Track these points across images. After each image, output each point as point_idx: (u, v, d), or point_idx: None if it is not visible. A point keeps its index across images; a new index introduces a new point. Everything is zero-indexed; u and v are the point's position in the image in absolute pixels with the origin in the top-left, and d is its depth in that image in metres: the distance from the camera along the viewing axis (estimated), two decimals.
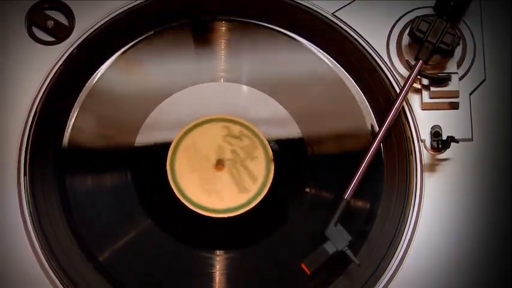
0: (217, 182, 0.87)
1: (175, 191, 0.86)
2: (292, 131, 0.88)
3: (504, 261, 0.84)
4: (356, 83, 0.90)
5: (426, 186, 0.86)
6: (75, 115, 0.89)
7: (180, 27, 0.91)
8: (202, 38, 0.92)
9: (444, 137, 0.86)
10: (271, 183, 0.87)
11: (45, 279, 0.84)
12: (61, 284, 0.83)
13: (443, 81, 0.87)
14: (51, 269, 0.84)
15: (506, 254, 0.84)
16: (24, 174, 0.86)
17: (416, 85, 0.88)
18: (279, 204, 0.87)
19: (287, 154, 0.88)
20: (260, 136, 0.88)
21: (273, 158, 0.87)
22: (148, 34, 0.91)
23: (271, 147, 0.87)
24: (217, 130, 0.88)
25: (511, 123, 0.87)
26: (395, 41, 0.90)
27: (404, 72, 0.89)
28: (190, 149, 0.87)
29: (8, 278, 0.84)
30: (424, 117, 0.87)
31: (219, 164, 0.87)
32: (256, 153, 0.88)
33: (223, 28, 0.91)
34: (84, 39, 0.89)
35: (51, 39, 0.90)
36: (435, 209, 0.85)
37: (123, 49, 0.90)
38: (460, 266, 0.84)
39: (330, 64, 0.90)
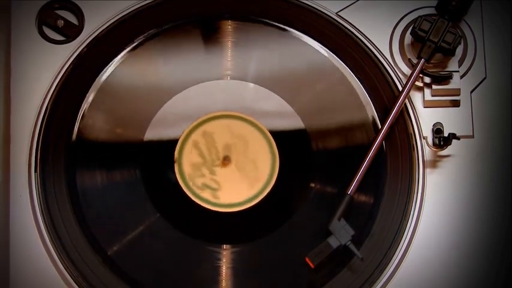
0: (224, 177, 0.87)
1: (182, 185, 0.86)
2: (297, 127, 0.88)
3: (504, 255, 0.85)
4: (359, 81, 0.89)
5: (428, 182, 0.86)
6: (84, 112, 0.88)
7: (187, 26, 0.91)
8: (209, 36, 0.91)
9: (446, 134, 0.86)
10: (276, 178, 0.87)
11: (55, 273, 0.84)
12: (71, 277, 0.84)
13: (445, 79, 0.87)
14: (61, 262, 0.84)
15: (507, 249, 0.85)
16: (35, 170, 0.86)
17: (419, 83, 0.88)
18: (284, 199, 0.87)
19: (292, 150, 0.88)
20: (259, 125, 0.88)
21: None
22: (156, 33, 0.91)
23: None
24: (223, 126, 0.88)
25: (511, 121, 0.88)
26: (398, 40, 0.90)
27: (406, 70, 0.89)
28: (197, 145, 0.88)
29: (19, 272, 0.85)
30: (426, 115, 0.88)
31: (226, 159, 0.87)
32: (248, 132, 0.88)
33: (230, 27, 0.91)
34: (93, 38, 0.90)
35: (62, 38, 0.90)
36: (437, 204, 0.86)
37: (131, 47, 0.90)
38: (461, 259, 0.85)
39: (334, 62, 0.90)
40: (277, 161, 0.87)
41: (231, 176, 0.87)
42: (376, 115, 0.89)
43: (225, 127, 0.88)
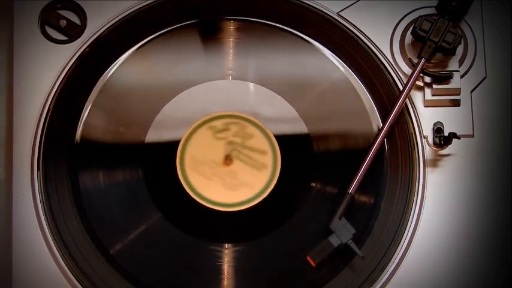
0: (226, 176, 0.87)
1: (184, 185, 0.86)
2: (299, 127, 0.89)
3: (504, 253, 0.85)
4: (360, 80, 0.90)
5: (428, 181, 0.86)
6: (87, 112, 0.89)
7: (190, 26, 0.91)
8: (211, 36, 0.92)
9: (446, 133, 0.86)
10: (278, 178, 0.87)
11: (57, 271, 0.85)
12: (73, 275, 0.84)
13: (445, 78, 0.87)
14: (63, 260, 0.84)
15: (507, 247, 0.85)
16: (38, 170, 0.87)
17: (419, 83, 0.88)
18: (286, 198, 0.87)
19: (293, 150, 0.88)
20: (260, 125, 0.88)
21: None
22: (158, 33, 0.91)
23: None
24: (225, 126, 0.88)
25: (511, 120, 0.88)
26: (399, 40, 0.90)
27: (407, 70, 0.89)
28: (199, 145, 0.88)
29: (22, 270, 0.85)
30: (426, 114, 0.88)
31: (227, 159, 0.87)
32: (250, 131, 0.88)
33: (232, 27, 0.91)
34: (96, 38, 0.90)
35: (64, 38, 0.90)
36: (437, 203, 0.86)
37: (133, 48, 0.90)
38: (461, 258, 0.85)
39: (334, 62, 0.90)
40: (279, 160, 0.87)
41: (233, 175, 0.87)
42: (377, 115, 0.89)
43: (226, 127, 0.89)
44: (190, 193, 0.86)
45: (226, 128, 0.89)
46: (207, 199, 0.86)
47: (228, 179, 0.87)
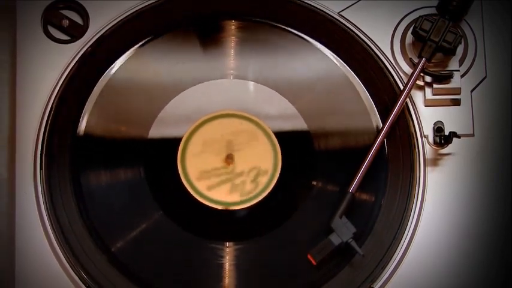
0: (227, 175, 0.87)
1: (185, 183, 0.86)
2: (300, 126, 0.89)
3: (505, 252, 0.85)
4: (361, 80, 0.90)
5: (429, 179, 0.87)
6: (89, 111, 0.89)
7: (191, 26, 0.92)
8: (213, 36, 0.92)
9: (446, 133, 0.86)
10: (279, 176, 0.87)
11: (59, 269, 0.85)
12: (75, 273, 0.84)
13: (446, 78, 0.87)
14: (65, 258, 0.85)
15: (506, 246, 0.85)
16: (40, 168, 0.87)
17: (420, 82, 0.88)
18: (287, 197, 0.88)
19: (294, 149, 0.88)
20: (262, 124, 0.89)
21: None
22: (160, 32, 0.91)
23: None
24: (226, 125, 0.88)
25: (511, 119, 0.88)
26: (399, 40, 0.90)
27: (407, 69, 0.89)
28: (200, 143, 0.88)
29: (25, 268, 0.85)
30: (427, 113, 0.88)
31: (228, 158, 0.88)
32: (251, 130, 0.89)
33: (233, 27, 0.92)
34: (98, 38, 0.90)
35: (67, 37, 0.90)
36: (437, 201, 0.86)
37: (135, 47, 0.91)
38: (462, 256, 0.85)
39: (335, 61, 0.91)
40: (280, 159, 0.87)
41: (234, 174, 0.87)
42: (377, 114, 0.89)
43: (228, 126, 0.89)
44: (192, 192, 0.87)
45: (227, 126, 0.89)
46: (209, 197, 0.87)
47: (229, 177, 0.87)
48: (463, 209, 0.86)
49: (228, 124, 0.89)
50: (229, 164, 0.88)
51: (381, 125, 0.88)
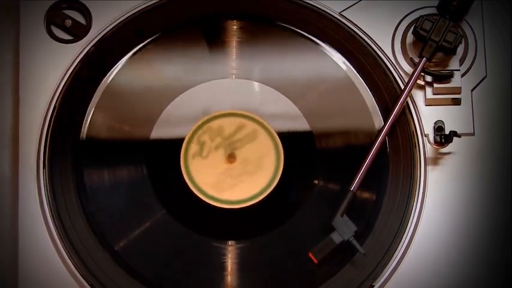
0: (230, 174, 0.87)
1: (188, 182, 0.86)
2: (302, 125, 0.89)
3: (504, 252, 0.85)
4: (362, 79, 0.90)
5: (429, 178, 0.87)
6: (92, 110, 0.89)
7: (194, 26, 0.92)
8: (215, 36, 0.92)
9: (447, 132, 0.87)
10: (281, 176, 0.87)
11: (62, 267, 0.85)
12: (78, 272, 0.85)
13: (446, 78, 0.88)
14: (68, 256, 0.85)
15: (506, 244, 0.85)
16: (44, 167, 0.87)
17: (420, 82, 0.88)
18: (288, 196, 0.88)
19: (296, 148, 0.88)
20: (264, 124, 0.88)
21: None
22: (163, 32, 0.91)
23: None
24: (228, 124, 0.88)
25: (511, 119, 0.88)
26: (400, 39, 0.90)
27: (408, 69, 0.89)
28: (203, 143, 0.88)
29: (28, 267, 0.85)
30: (427, 113, 0.88)
31: (231, 157, 0.88)
32: (253, 129, 0.89)
33: (235, 27, 0.92)
34: (101, 38, 0.90)
35: (70, 37, 0.91)
36: (438, 200, 0.86)
37: (138, 47, 0.91)
38: (462, 255, 0.85)
39: (337, 61, 0.91)
40: (282, 158, 0.88)
41: (237, 173, 0.88)
42: (378, 113, 0.89)
43: (230, 125, 0.89)
44: (195, 190, 0.87)
45: (229, 126, 0.89)
46: (211, 196, 0.87)
47: (232, 176, 0.87)
48: (463, 207, 0.87)
49: (230, 123, 0.89)
50: (231, 163, 0.88)
51: (381, 124, 0.89)
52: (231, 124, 0.89)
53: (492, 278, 0.85)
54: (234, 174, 0.88)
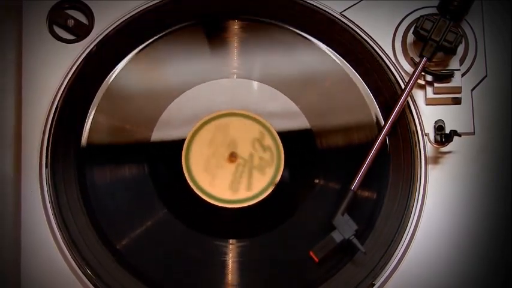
0: (231, 173, 0.88)
1: (189, 182, 0.87)
2: (302, 124, 0.89)
3: (504, 250, 0.85)
4: (363, 79, 0.90)
5: (430, 177, 0.87)
6: (94, 110, 0.89)
7: (194, 26, 0.92)
8: (216, 36, 0.92)
9: (447, 131, 0.87)
10: (282, 175, 0.87)
11: (65, 266, 0.85)
12: (80, 270, 0.85)
13: (447, 77, 0.88)
14: (70, 256, 0.85)
15: (506, 243, 0.85)
16: (46, 167, 0.87)
17: (421, 81, 0.88)
18: (289, 195, 0.88)
19: (297, 147, 0.89)
20: (265, 123, 0.89)
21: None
22: (164, 33, 0.91)
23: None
24: (230, 124, 0.89)
25: (511, 118, 0.88)
26: (401, 39, 0.90)
27: (409, 69, 0.90)
28: (203, 143, 0.88)
29: (31, 266, 0.85)
30: (428, 112, 0.88)
31: (232, 156, 0.88)
32: (254, 129, 0.89)
33: (236, 27, 0.92)
34: (103, 38, 0.90)
35: (72, 37, 0.91)
36: (438, 199, 0.86)
37: (140, 47, 0.91)
38: (462, 253, 0.85)
39: (337, 61, 0.91)
40: (282, 157, 0.88)
41: (238, 172, 0.88)
42: (379, 112, 0.89)
43: (231, 125, 0.89)
44: (196, 190, 0.87)
45: (230, 125, 0.89)
46: (212, 196, 0.87)
47: (233, 175, 0.88)
48: (464, 206, 0.87)
49: (231, 123, 0.89)
50: (232, 162, 0.88)
51: (382, 123, 0.89)
52: (232, 123, 0.89)
53: (492, 277, 0.85)
54: (235, 174, 0.88)
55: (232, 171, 0.88)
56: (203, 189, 0.87)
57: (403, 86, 0.89)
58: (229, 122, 0.89)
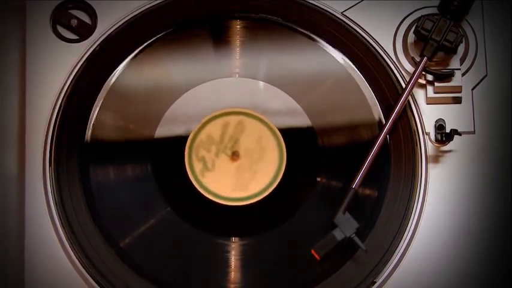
0: (234, 171, 0.88)
1: (192, 180, 0.87)
2: (304, 123, 0.89)
3: (505, 249, 0.86)
4: (364, 78, 0.90)
5: (430, 176, 0.87)
6: (97, 109, 0.89)
7: (197, 25, 0.92)
8: (218, 36, 0.92)
9: (448, 130, 0.87)
10: (284, 173, 0.87)
11: (68, 263, 0.86)
12: (84, 268, 0.85)
13: (447, 76, 0.88)
14: (74, 253, 0.85)
15: (507, 242, 0.86)
16: (50, 166, 0.87)
17: (421, 80, 0.88)
18: (291, 193, 0.88)
19: (299, 145, 0.89)
20: (267, 122, 0.89)
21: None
22: (167, 32, 0.91)
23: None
24: (232, 123, 0.89)
25: (511, 117, 0.88)
26: (402, 39, 0.91)
27: (409, 68, 0.90)
28: (206, 141, 0.89)
29: (34, 264, 0.86)
30: (428, 111, 0.88)
31: (235, 154, 0.88)
32: (256, 127, 0.89)
33: (239, 26, 0.92)
34: (106, 37, 0.90)
35: (75, 37, 0.91)
36: (439, 198, 0.87)
37: (143, 46, 0.91)
38: (463, 252, 0.86)
39: (339, 60, 0.91)
40: (285, 156, 0.88)
41: (240, 170, 0.88)
42: (380, 112, 0.89)
43: (233, 124, 0.89)
44: (199, 188, 0.87)
45: (233, 124, 0.89)
46: (215, 194, 0.87)
47: (235, 174, 0.88)
48: (464, 205, 0.87)
49: (233, 122, 0.89)
50: (235, 160, 0.88)
51: (383, 122, 0.89)
52: (234, 122, 0.89)
53: (492, 275, 0.85)
54: (237, 172, 0.88)
55: (234, 169, 0.88)
56: (206, 188, 0.87)
57: (403, 85, 0.89)
58: (232, 121, 0.89)
